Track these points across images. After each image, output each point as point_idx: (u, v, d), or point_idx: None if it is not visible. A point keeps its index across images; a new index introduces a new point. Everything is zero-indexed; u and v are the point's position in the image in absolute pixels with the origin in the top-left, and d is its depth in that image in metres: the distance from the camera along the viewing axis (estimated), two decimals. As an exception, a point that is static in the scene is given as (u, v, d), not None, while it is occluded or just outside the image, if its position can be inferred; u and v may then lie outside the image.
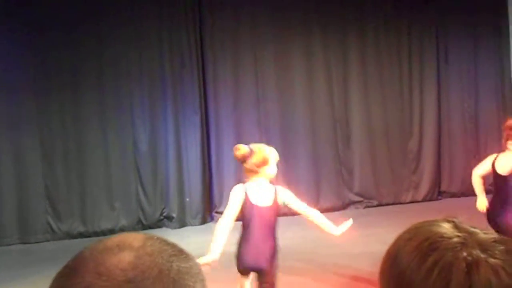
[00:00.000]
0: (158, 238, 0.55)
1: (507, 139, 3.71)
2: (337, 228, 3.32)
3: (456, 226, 0.66)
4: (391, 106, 7.95)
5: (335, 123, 7.78)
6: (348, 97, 7.83)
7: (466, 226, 0.66)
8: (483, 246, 0.61)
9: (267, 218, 3.16)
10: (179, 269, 0.51)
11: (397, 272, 0.63)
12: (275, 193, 3.26)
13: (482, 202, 3.92)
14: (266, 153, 3.20)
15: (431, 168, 8.10)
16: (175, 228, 7.09)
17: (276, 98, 7.57)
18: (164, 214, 7.22)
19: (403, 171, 8.00)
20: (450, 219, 0.69)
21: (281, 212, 3.49)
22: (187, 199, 7.25)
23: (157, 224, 7.14)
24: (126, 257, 0.49)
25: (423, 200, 7.93)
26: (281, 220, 3.58)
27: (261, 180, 3.21)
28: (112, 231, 6.94)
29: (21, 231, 6.75)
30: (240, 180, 7.72)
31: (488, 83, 8.22)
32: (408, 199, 7.95)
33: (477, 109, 8.23)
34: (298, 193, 8.05)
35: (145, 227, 7.06)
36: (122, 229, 7.00)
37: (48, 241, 6.77)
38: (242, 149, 3.24)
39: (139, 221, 7.11)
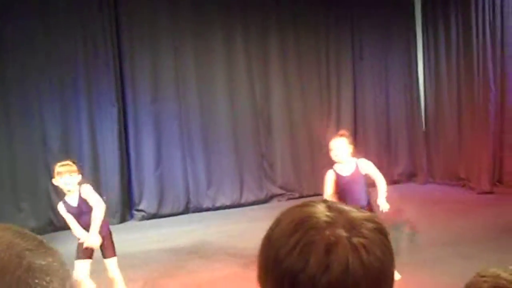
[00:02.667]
0: (14, 231, 0.50)
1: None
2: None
3: (329, 207, 0.66)
4: (310, 100, 8.20)
5: (257, 117, 7.85)
6: (269, 91, 7.94)
7: (340, 206, 0.67)
8: (351, 225, 0.62)
9: None
10: (29, 266, 0.46)
11: (270, 253, 0.64)
12: None
13: None
14: None
15: (347, 159, 8.48)
16: (91, 228, 6.69)
17: (197, 91, 7.45)
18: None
19: (323, 163, 8.28)
20: (326, 200, 0.70)
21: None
22: (104, 197, 6.84)
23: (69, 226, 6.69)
24: None
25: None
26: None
27: None
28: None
29: None
30: (160, 175, 7.54)
31: (398, 80, 8.81)
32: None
33: (387, 104, 8.78)
34: (220, 187, 8.09)
35: (57, 228, 6.57)
36: (31, 231, 6.45)
37: None
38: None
39: (51, 222, 6.61)
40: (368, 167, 3.96)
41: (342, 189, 3.87)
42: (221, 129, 7.59)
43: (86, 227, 3.55)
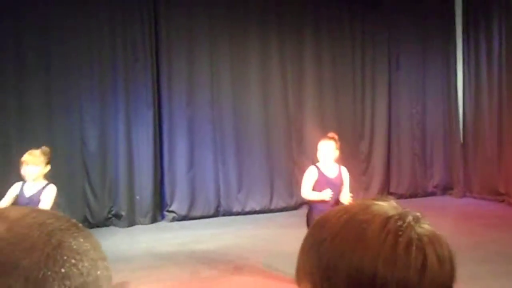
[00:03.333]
0: (50, 213, 0.51)
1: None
2: None
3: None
4: (344, 109, 8.13)
5: (289, 124, 7.84)
6: (302, 99, 7.92)
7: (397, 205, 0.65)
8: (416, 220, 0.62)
9: None
10: (59, 244, 0.47)
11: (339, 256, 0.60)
12: None
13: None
14: None
15: (381, 170, 8.35)
16: (124, 227, 6.86)
17: (231, 96, 7.52)
18: (113, 213, 6.96)
19: (354, 172, 8.17)
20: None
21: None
22: (137, 197, 7.03)
23: (105, 223, 6.87)
24: None
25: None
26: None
27: None
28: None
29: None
30: (192, 178, 7.67)
31: (435, 90, 8.60)
32: (359, 199, 8.13)
33: (424, 115, 8.59)
34: (251, 192, 8.13)
35: (91, 225, 6.77)
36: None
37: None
38: None
39: (85, 219, 6.80)
40: (347, 176, 4.12)
41: (323, 188, 3.94)
42: (253, 134, 7.62)
43: None
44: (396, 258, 0.57)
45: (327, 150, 4.01)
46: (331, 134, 4.16)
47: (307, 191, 4.06)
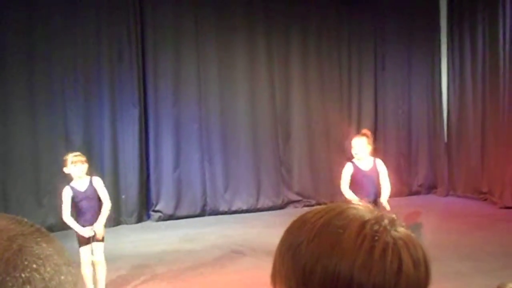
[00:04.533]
0: (12, 218, 0.50)
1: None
2: None
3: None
4: (330, 108, 8.17)
5: (276, 123, 7.85)
6: (289, 98, 7.94)
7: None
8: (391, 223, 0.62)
9: None
10: (20, 249, 0.46)
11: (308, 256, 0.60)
12: None
13: None
14: None
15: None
16: (109, 226, 6.75)
17: (218, 95, 7.50)
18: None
19: (340, 171, 8.22)
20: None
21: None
22: (123, 196, 6.96)
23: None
24: None
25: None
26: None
27: None
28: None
29: None
30: (178, 177, 7.61)
31: (420, 90, 8.69)
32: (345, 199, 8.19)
33: (409, 114, 8.67)
34: (237, 191, 8.11)
35: (76, 225, 6.67)
36: (50, 228, 6.56)
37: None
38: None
39: (70, 219, 6.71)
40: (383, 168, 4.40)
41: (359, 181, 4.33)
42: (240, 133, 7.61)
43: (85, 210, 3.94)
44: (372, 263, 0.57)
45: (361, 146, 4.32)
46: (364, 131, 4.53)
47: (344, 187, 4.39)
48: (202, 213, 7.37)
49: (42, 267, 0.46)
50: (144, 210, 7.22)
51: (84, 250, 3.92)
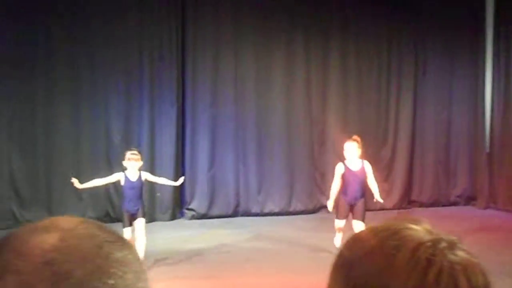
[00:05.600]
0: (95, 223, 0.52)
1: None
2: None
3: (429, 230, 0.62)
4: (368, 114, 8.05)
5: (312, 126, 7.81)
6: (326, 102, 7.88)
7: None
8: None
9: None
10: (108, 256, 0.48)
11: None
12: None
13: None
14: None
15: (403, 177, 8.22)
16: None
17: (254, 96, 7.55)
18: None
19: (375, 178, 8.09)
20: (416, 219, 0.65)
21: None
22: (158, 194, 7.12)
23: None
24: (50, 239, 0.47)
25: (393, 208, 8.04)
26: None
27: None
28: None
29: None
30: (212, 177, 7.71)
31: (462, 97, 8.42)
32: (378, 206, 8.04)
33: (449, 122, 8.42)
34: (270, 194, 8.10)
35: (113, 220, 6.87)
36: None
37: (10, 228, 6.52)
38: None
39: (107, 213, 6.94)
40: (369, 168, 5.11)
41: (348, 180, 5.03)
42: (275, 135, 7.63)
43: (132, 198, 4.87)
44: (425, 287, 0.54)
45: (352, 150, 5.01)
46: (354, 137, 5.16)
47: (332, 184, 5.21)
48: (234, 214, 7.43)
49: (125, 274, 0.48)
50: (178, 208, 7.36)
51: (127, 231, 4.73)
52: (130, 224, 4.86)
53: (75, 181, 4.96)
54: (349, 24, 7.88)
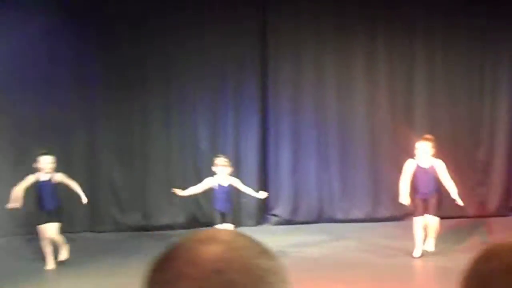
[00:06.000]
0: (246, 236, 0.57)
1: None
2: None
3: None
4: (459, 112, 7.58)
5: (396, 130, 7.53)
6: (412, 103, 7.57)
7: None
8: None
9: None
10: (264, 267, 0.52)
11: None
12: None
13: None
14: None
15: (501, 181, 7.60)
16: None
17: (336, 102, 7.49)
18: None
19: (469, 183, 7.58)
20: None
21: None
22: (244, 200, 7.33)
23: (213, 222, 7.27)
24: (215, 249, 0.52)
25: (491, 216, 7.46)
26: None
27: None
28: (170, 227, 7.18)
29: (90, 221, 7.17)
30: (295, 183, 7.76)
31: None
32: (474, 213, 7.51)
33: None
34: (354, 200, 7.95)
35: (201, 224, 7.22)
36: (181, 226, 7.23)
37: (112, 231, 7.14)
38: None
39: (195, 218, 7.30)
40: (442, 168, 5.26)
41: (418, 177, 5.22)
42: (358, 141, 7.49)
43: (222, 201, 5.44)
44: None
45: (424, 149, 5.22)
46: (427, 136, 5.39)
47: (401, 180, 5.36)
48: (318, 220, 7.41)
49: (277, 283, 0.53)
50: (262, 213, 7.51)
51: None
52: (221, 222, 5.40)
53: (177, 190, 5.57)
54: (436, 23, 7.50)
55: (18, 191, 5.30)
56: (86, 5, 7.03)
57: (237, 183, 5.55)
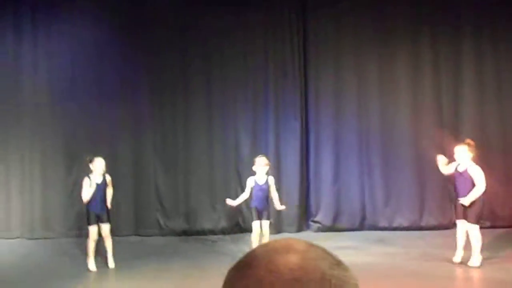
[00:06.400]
0: (319, 246, 0.59)
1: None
2: None
3: None
4: (509, 117, 7.24)
5: (443, 134, 7.29)
6: (458, 108, 7.32)
7: None
8: None
9: None
10: (339, 277, 0.54)
11: None
12: None
13: None
14: None
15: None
16: (271, 234, 7.19)
17: (378, 108, 7.35)
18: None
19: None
20: None
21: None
22: (283, 207, 7.32)
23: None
24: (293, 259, 0.54)
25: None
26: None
27: None
28: (212, 232, 7.28)
29: (136, 225, 7.39)
30: (337, 189, 7.64)
31: None
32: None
33: None
34: (398, 208, 7.73)
35: (242, 230, 7.27)
36: (222, 231, 7.31)
37: (156, 235, 7.32)
38: None
39: (238, 224, 7.35)
40: (474, 172, 5.18)
41: (455, 180, 5.34)
42: (402, 146, 7.31)
43: (260, 199, 5.66)
44: None
45: (461, 153, 5.26)
46: (467, 140, 5.40)
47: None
48: (360, 227, 7.28)
49: None
50: (304, 220, 7.46)
51: (256, 224, 5.63)
52: (258, 218, 5.60)
53: (229, 200, 5.79)
54: (483, 23, 7.23)
55: (89, 193, 5.45)
56: (129, 13, 7.30)
57: (271, 183, 5.74)
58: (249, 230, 7.24)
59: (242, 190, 7.43)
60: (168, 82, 7.39)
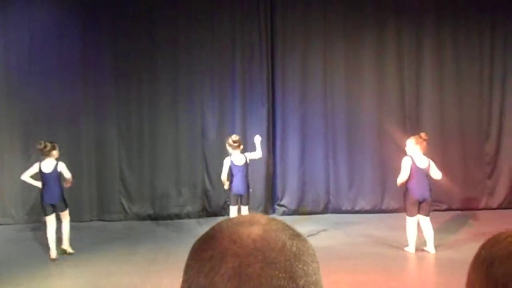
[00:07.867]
0: (280, 220, 0.63)
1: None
2: None
3: None
4: (467, 105, 7.55)
5: (405, 121, 7.52)
6: (420, 94, 7.55)
7: None
8: None
9: None
10: (298, 247, 0.57)
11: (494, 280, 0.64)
12: None
13: None
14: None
15: (509, 174, 7.58)
16: (237, 216, 7.25)
17: (344, 93, 7.47)
18: (228, 203, 7.40)
19: (477, 175, 7.57)
20: None
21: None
22: (251, 190, 7.37)
23: (220, 213, 7.34)
24: (255, 230, 0.57)
25: (498, 208, 7.46)
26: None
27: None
28: (178, 216, 7.26)
29: (99, 210, 7.27)
30: (302, 174, 7.75)
31: None
32: (481, 205, 7.51)
33: None
34: (361, 191, 7.95)
35: (209, 214, 7.30)
36: (188, 215, 7.30)
37: (120, 220, 7.23)
38: None
39: (204, 208, 7.36)
40: (431, 163, 5.30)
41: (415, 177, 5.23)
42: (366, 131, 7.48)
43: (237, 182, 5.56)
44: None
45: (408, 146, 5.35)
46: (422, 134, 5.42)
47: (399, 177, 5.34)
48: (324, 211, 7.45)
49: (312, 263, 0.58)
50: (269, 204, 7.55)
51: (234, 209, 5.59)
52: (237, 203, 5.56)
53: (226, 183, 5.66)
54: (445, 11, 7.44)
55: (27, 179, 5.36)
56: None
57: (249, 156, 5.70)
58: (216, 215, 7.29)
59: (208, 175, 7.48)
60: (134, 65, 7.22)
